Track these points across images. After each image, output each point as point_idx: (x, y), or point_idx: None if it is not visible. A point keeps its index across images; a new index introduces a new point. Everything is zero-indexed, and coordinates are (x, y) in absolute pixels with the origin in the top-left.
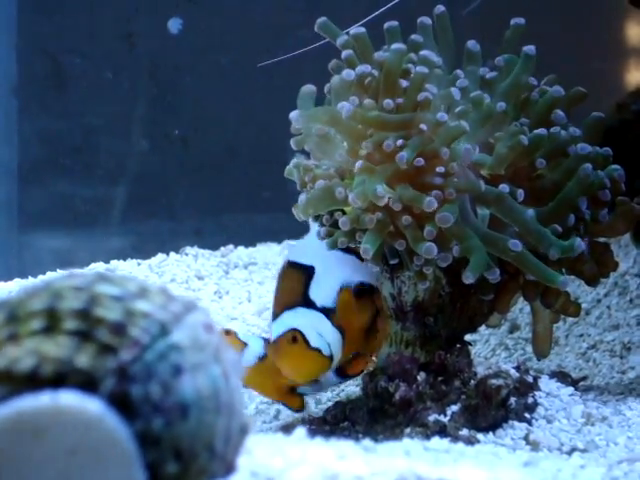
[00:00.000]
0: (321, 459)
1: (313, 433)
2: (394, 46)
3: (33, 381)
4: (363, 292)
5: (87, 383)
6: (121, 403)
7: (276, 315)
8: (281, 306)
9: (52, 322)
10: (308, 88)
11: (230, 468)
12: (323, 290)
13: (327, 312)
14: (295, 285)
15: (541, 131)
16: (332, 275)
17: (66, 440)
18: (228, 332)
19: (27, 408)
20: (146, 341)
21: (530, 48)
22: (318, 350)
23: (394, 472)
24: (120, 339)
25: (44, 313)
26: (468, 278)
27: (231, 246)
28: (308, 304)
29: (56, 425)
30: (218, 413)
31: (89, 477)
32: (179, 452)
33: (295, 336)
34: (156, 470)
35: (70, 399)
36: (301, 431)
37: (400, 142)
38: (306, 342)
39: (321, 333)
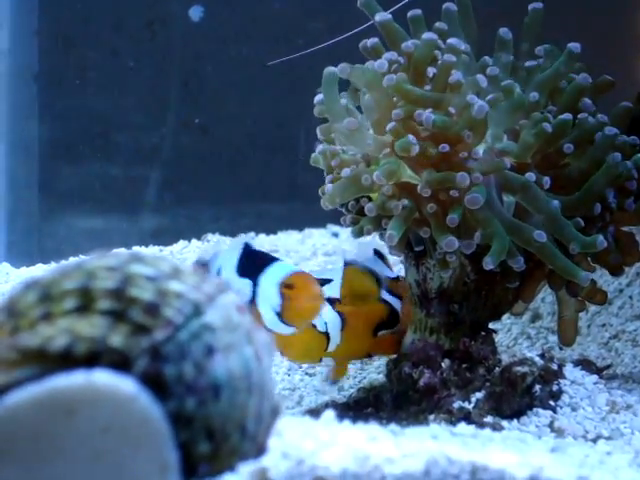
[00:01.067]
0: (351, 441)
1: (340, 417)
2: (425, 36)
3: (67, 360)
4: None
5: (121, 362)
6: (154, 383)
7: None
8: None
9: (86, 302)
10: (330, 71)
11: (261, 449)
12: (334, 288)
13: (331, 301)
14: None
15: (565, 116)
16: None
17: (99, 419)
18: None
19: (61, 387)
20: (179, 321)
21: (575, 45)
22: (313, 325)
23: (425, 454)
24: (154, 319)
25: (78, 292)
26: (488, 264)
27: (252, 234)
28: None
29: (89, 404)
30: (250, 394)
31: (121, 456)
32: (211, 432)
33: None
34: (188, 450)
35: (103, 378)
36: (330, 414)
37: (428, 110)
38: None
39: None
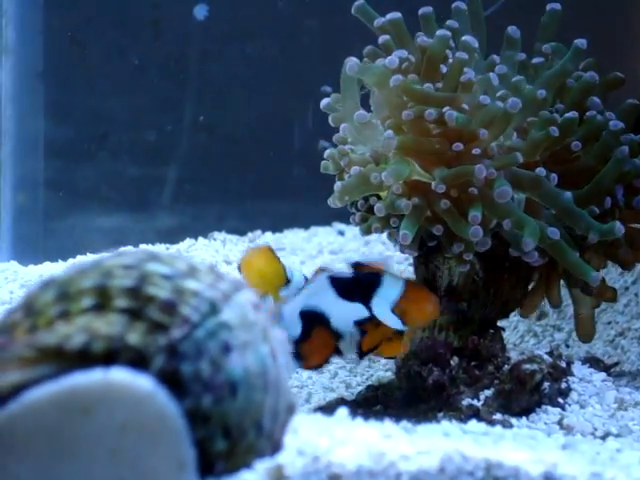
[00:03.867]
0: (366, 438)
1: (351, 415)
2: (439, 32)
3: (84, 358)
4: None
5: (138, 360)
6: (171, 380)
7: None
8: None
9: (103, 300)
10: (352, 64)
11: (277, 446)
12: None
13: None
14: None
15: (571, 115)
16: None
17: (116, 417)
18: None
19: (78, 385)
20: (196, 319)
21: (582, 42)
22: (283, 267)
23: (440, 451)
24: (170, 317)
25: (95, 291)
26: (528, 245)
27: (259, 232)
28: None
29: (107, 402)
30: (266, 391)
31: (139, 453)
32: (228, 429)
33: (270, 247)
34: (205, 447)
35: (121, 376)
36: (343, 411)
37: (447, 108)
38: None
39: (295, 270)
